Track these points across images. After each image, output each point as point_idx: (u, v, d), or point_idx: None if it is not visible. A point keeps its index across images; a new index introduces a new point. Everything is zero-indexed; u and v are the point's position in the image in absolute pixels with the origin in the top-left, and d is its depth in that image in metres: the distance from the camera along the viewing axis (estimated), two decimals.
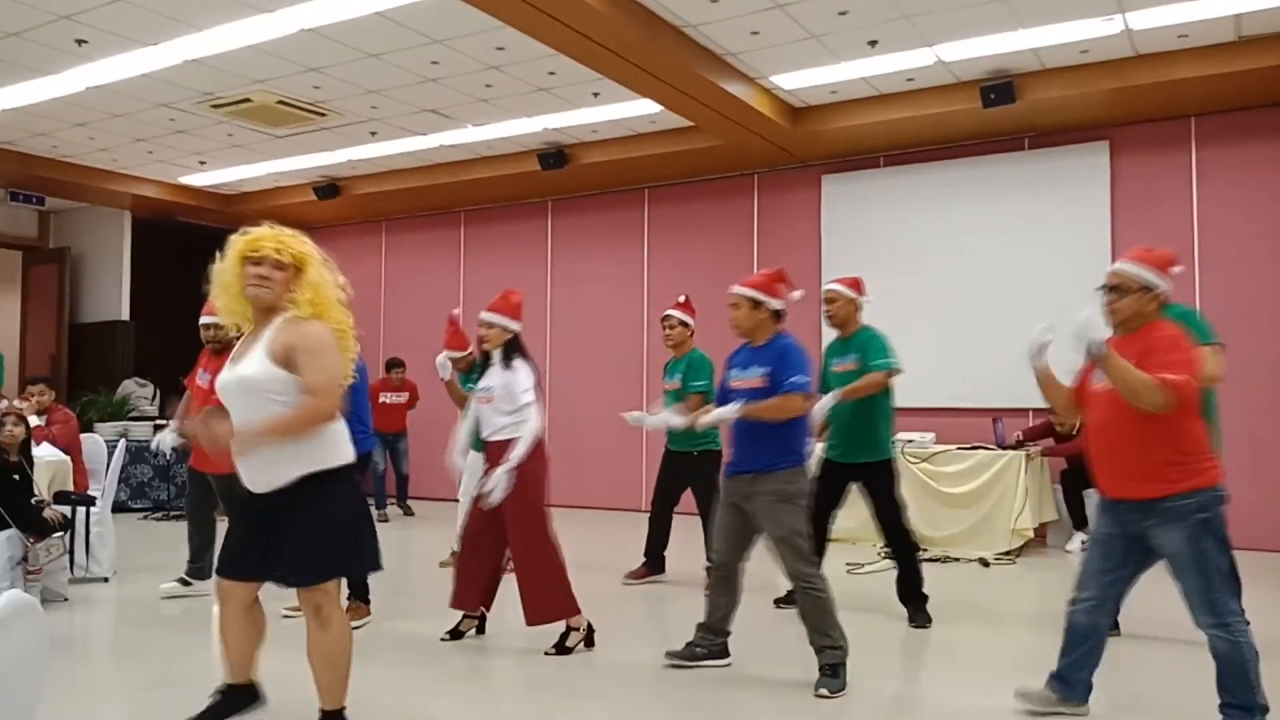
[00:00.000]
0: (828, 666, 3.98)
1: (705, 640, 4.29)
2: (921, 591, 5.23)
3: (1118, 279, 3.37)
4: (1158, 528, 3.23)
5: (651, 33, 6.47)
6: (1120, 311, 3.35)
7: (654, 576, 6.38)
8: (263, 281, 3.05)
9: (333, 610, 3.10)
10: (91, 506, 6.21)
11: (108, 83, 7.82)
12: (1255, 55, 6.95)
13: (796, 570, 3.98)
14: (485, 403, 4.63)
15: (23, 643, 1.93)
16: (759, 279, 4.23)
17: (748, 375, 4.14)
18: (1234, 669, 3.21)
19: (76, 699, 3.92)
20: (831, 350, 5.49)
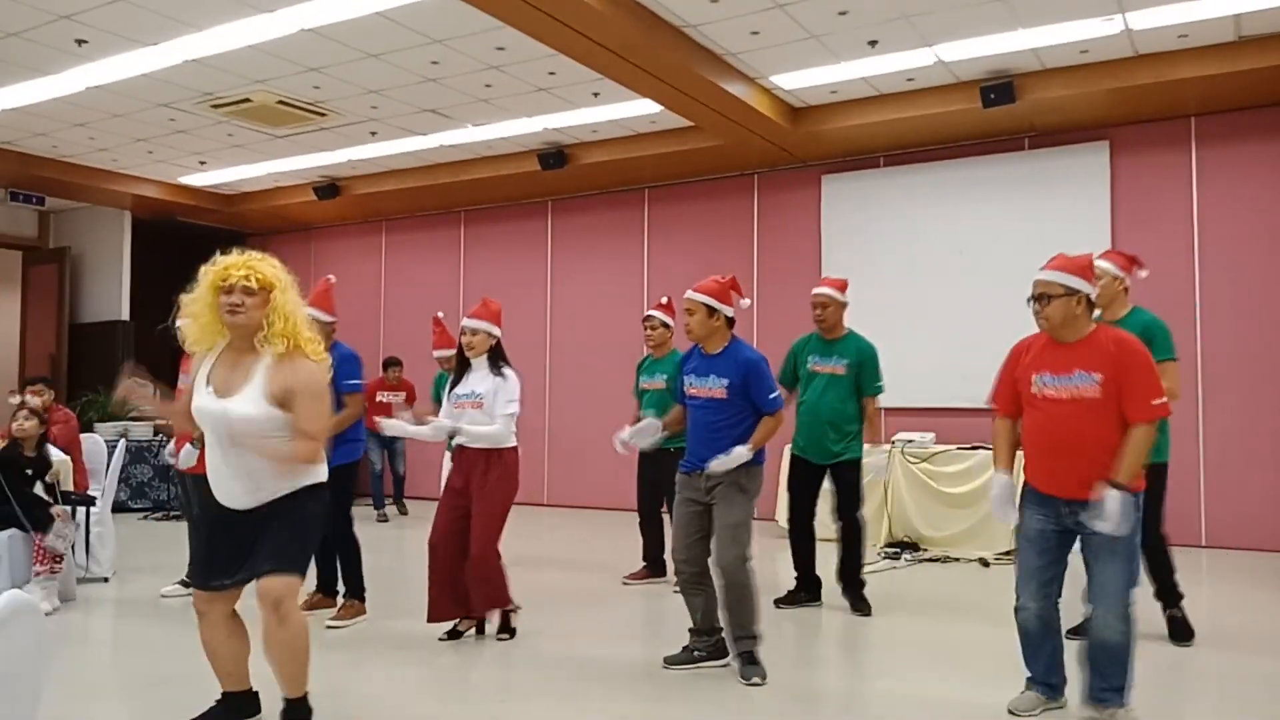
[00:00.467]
0: (746, 654, 4.10)
1: (700, 642, 4.31)
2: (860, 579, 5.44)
3: (1041, 287, 3.49)
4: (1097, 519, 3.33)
5: (651, 33, 6.47)
6: (1050, 318, 3.45)
7: (654, 579, 6.37)
8: (237, 309, 3.13)
9: (290, 605, 3.16)
10: (91, 506, 6.20)
11: (108, 83, 7.82)
12: (1255, 55, 6.95)
13: (732, 559, 4.06)
14: (474, 408, 4.68)
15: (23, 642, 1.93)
16: (713, 285, 4.25)
17: (707, 384, 4.21)
18: (1121, 657, 3.41)
19: (76, 699, 3.92)
20: (811, 346, 5.51)
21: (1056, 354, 3.47)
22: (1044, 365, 3.49)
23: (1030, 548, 3.56)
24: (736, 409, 4.16)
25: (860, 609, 5.35)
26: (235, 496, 3.20)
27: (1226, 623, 5.15)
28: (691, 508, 4.23)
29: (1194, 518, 7.86)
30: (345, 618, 5.12)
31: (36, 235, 12.42)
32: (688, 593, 4.30)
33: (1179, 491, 7.91)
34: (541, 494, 10.77)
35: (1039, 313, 3.48)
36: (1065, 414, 3.40)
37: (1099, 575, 3.43)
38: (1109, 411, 3.35)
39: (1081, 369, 3.38)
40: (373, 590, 5.30)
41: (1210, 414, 7.90)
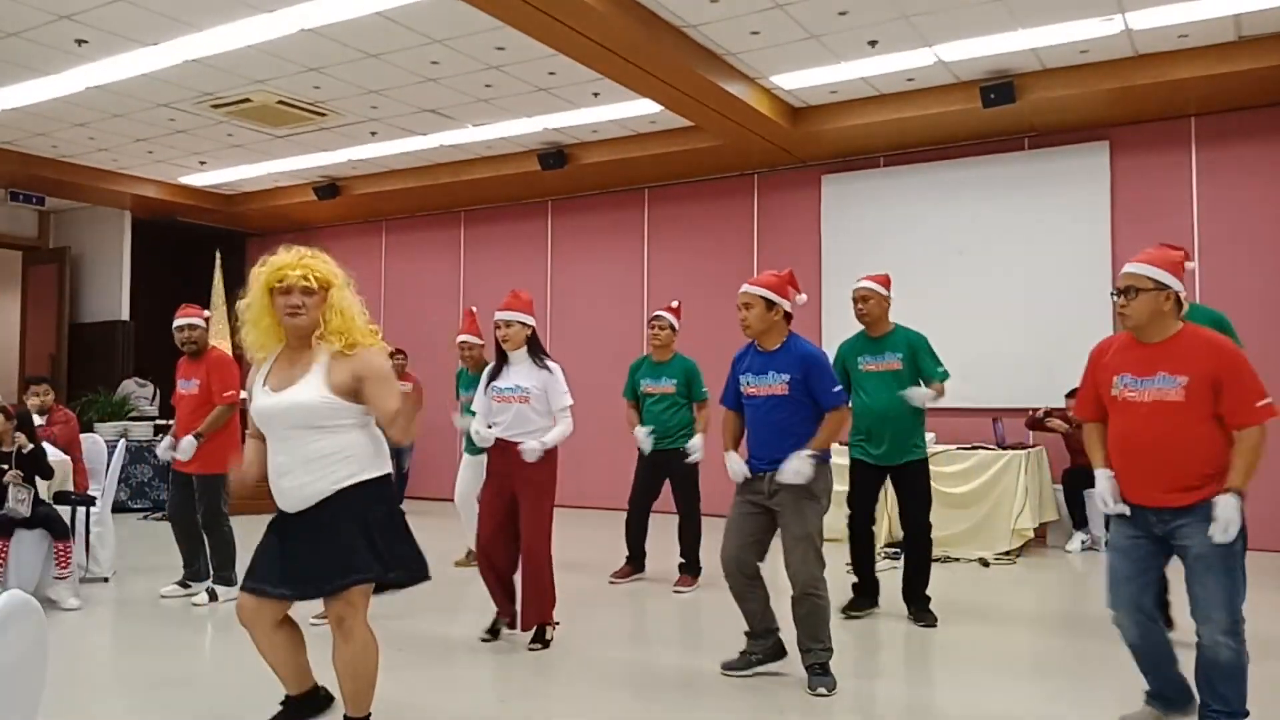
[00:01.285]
0: (818, 665, 3.99)
1: (756, 646, 4.20)
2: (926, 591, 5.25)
3: (1128, 280, 3.27)
4: (1189, 527, 3.19)
5: (651, 33, 6.47)
6: (1135, 314, 3.25)
7: (638, 574, 6.42)
8: (297, 311, 3.07)
9: (355, 623, 3.05)
10: (91, 506, 6.20)
11: (108, 83, 7.82)
12: (1255, 55, 6.95)
13: (809, 574, 3.93)
14: (520, 402, 4.59)
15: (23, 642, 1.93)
16: (772, 279, 4.12)
17: (767, 381, 4.06)
18: (1235, 676, 3.21)
19: (77, 698, 3.92)
20: (857, 348, 5.33)
21: (1138, 354, 3.27)
22: (1125, 366, 3.29)
23: (1120, 558, 3.36)
24: (799, 406, 4.01)
25: (924, 620, 5.13)
26: (294, 491, 3.07)
27: None
28: (750, 509, 4.07)
29: None
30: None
31: (36, 235, 12.42)
32: (741, 598, 4.15)
33: None
34: None
35: (1123, 307, 3.27)
36: (1146, 418, 3.22)
37: (1199, 590, 3.22)
38: (1194, 416, 3.17)
39: (1165, 371, 3.19)
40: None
41: None
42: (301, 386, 3.06)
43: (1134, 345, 3.30)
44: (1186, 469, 3.18)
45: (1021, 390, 8.32)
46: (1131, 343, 3.32)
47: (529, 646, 4.61)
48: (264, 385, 3.14)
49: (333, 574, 3.01)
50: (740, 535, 4.07)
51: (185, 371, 5.92)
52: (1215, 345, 3.22)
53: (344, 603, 3.03)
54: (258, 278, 3.14)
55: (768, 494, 4.00)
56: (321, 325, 3.09)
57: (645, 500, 6.34)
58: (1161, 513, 3.24)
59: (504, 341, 4.67)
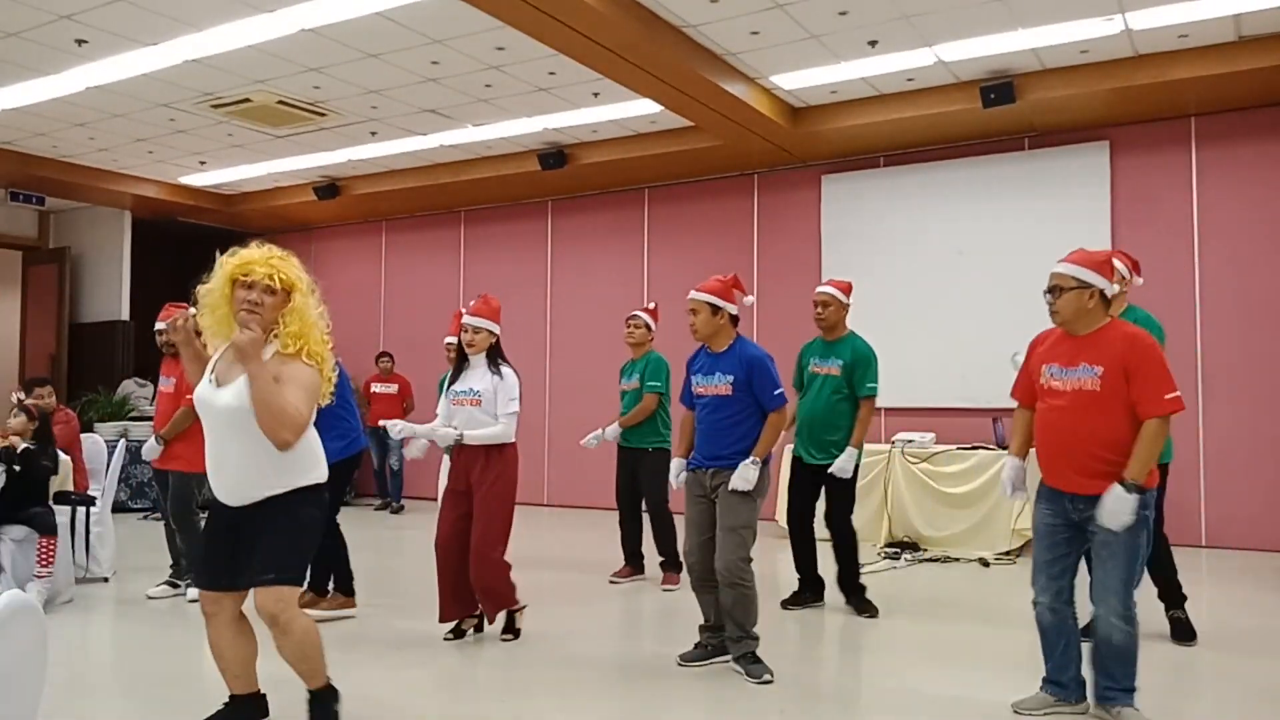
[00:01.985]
0: (749, 655, 4.12)
1: (712, 639, 4.33)
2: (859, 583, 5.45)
3: (1054, 279, 3.51)
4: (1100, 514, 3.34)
5: (651, 33, 6.47)
6: (1062, 310, 3.48)
7: (637, 575, 6.43)
8: (254, 308, 3.05)
9: (290, 616, 3.09)
10: (91, 506, 6.20)
11: (108, 83, 7.82)
12: (1255, 55, 6.95)
13: (734, 562, 4.07)
14: (472, 404, 4.70)
15: (23, 642, 1.93)
16: (716, 285, 4.28)
17: (713, 382, 4.25)
18: (1125, 657, 3.42)
19: (76, 698, 3.92)
20: (813, 349, 5.55)
21: (1067, 346, 3.50)
22: (1054, 357, 3.52)
23: (1040, 542, 3.57)
24: (742, 406, 4.19)
25: (866, 611, 5.34)
26: (229, 490, 3.14)
27: (1227, 623, 5.14)
28: (700, 505, 4.25)
29: (1194, 518, 7.86)
30: (330, 609, 5.21)
31: (36, 235, 12.42)
32: (699, 590, 4.30)
33: (1179, 491, 7.91)
34: (541, 494, 10.77)
35: (1051, 304, 3.50)
36: (1065, 406, 3.43)
37: (1099, 573, 3.43)
38: (1109, 405, 3.35)
39: (1086, 361, 3.40)
40: (375, 589, 5.32)
41: (1210, 414, 7.90)
42: (231, 389, 3.06)
43: (1064, 338, 3.53)
44: (1099, 456, 3.36)
45: None
46: (1062, 336, 3.55)
47: (501, 637, 4.73)
48: (211, 374, 3.16)
49: (267, 569, 3.06)
50: (699, 530, 4.25)
51: (166, 369, 5.99)
52: (1131, 337, 3.40)
53: (274, 599, 3.05)
54: (223, 266, 3.14)
55: (709, 488, 4.21)
56: (280, 326, 3.10)
57: (629, 500, 6.39)
58: (1076, 499, 3.42)
59: (469, 346, 4.79)
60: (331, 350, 3.28)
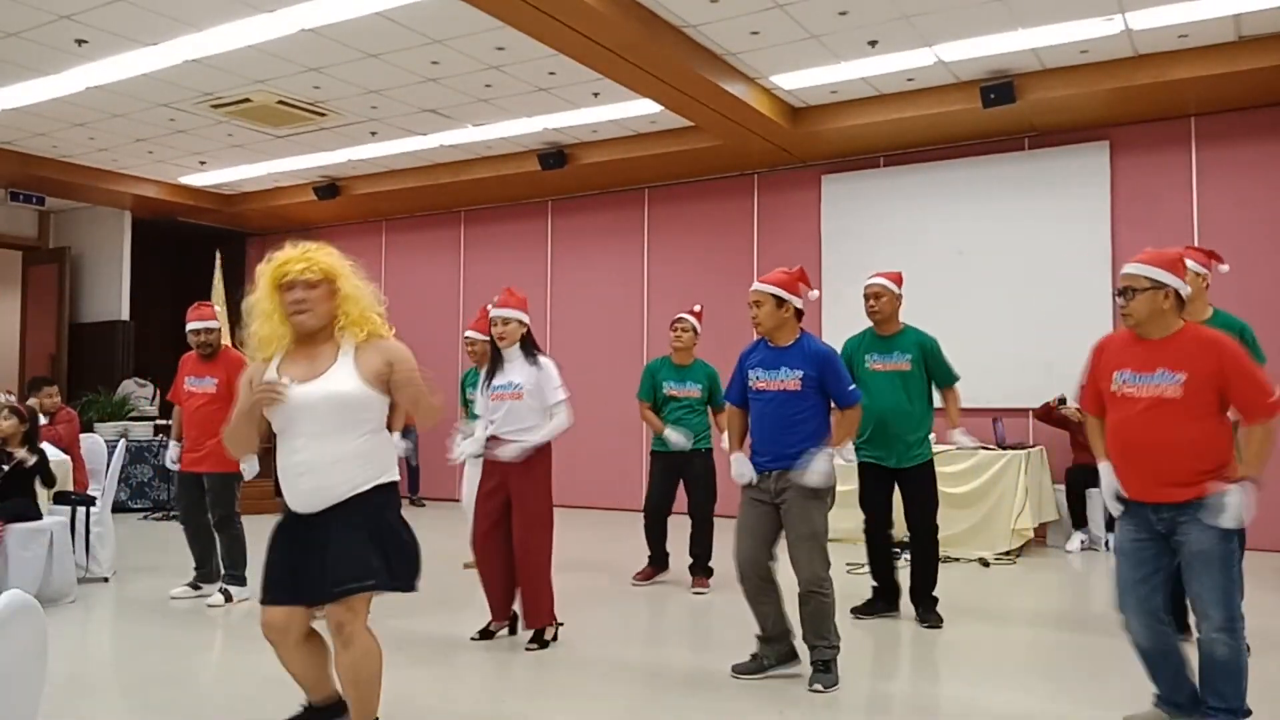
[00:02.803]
0: (821, 662, 3.99)
1: (769, 650, 4.16)
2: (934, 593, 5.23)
3: (1126, 280, 3.31)
4: (1187, 524, 3.21)
5: (651, 33, 6.46)
6: (1135, 312, 3.28)
7: (659, 575, 6.38)
8: (301, 305, 3.00)
9: (355, 629, 2.95)
10: (91, 506, 6.20)
11: (108, 83, 7.82)
12: (1255, 55, 6.95)
13: (815, 573, 3.93)
14: (514, 399, 4.60)
15: (23, 642, 1.93)
16: (782, 276, 4.11)
17: (779, 376, 4.05)
18: (1232, 674, 3.23)
19: (76, 698, 3.92)
20: (867, 345, 5.24)
21: (1140, 350, 3.30)
22: (1126, 362, 3.32)
23: (1125, 560, 3.36)
24: (810, 403, 4.02)
25: (929, 621, 5.10)
26: (313, 495, 2.99)
27: None
28: (759, 509, 4.05)
29: None
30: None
31: (36, 235, 12.42)
32: (756, 601, 4.09)
33: None
34: None
35: (1124, 307, 3.32)
36: (1144, 414, 3.25)
37: (1195, 588, 3.24)
38: (1191, 413, 3.19)
39: (1165, 367, 3.22)
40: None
41: None
42: (334, 376, 2.99)
43: (1135, 341, 3.33)
44: (1184, 465, 3.20)
45: (1021, 390, 8.32)
46: (1133, 339, 3.34)
47: (526, 646, 4.60)
48: (281, 377, 3.03)
49: (338, 579, 2.93)
50: (754, 536, 4.04)
51: (197, 369, 5.85)
52: (1216, 343, 3.24)
53: (344, 608, 2.94)
54: (263, 274, 3.09)
55: (774, 492, 4.00)
56: (341, 318, 3.06)
57: (664, 503, 6.28)
58: (1160, 509, 3.25)
59: (500, 339, 4.69)
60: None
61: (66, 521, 5.86)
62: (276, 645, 3.03)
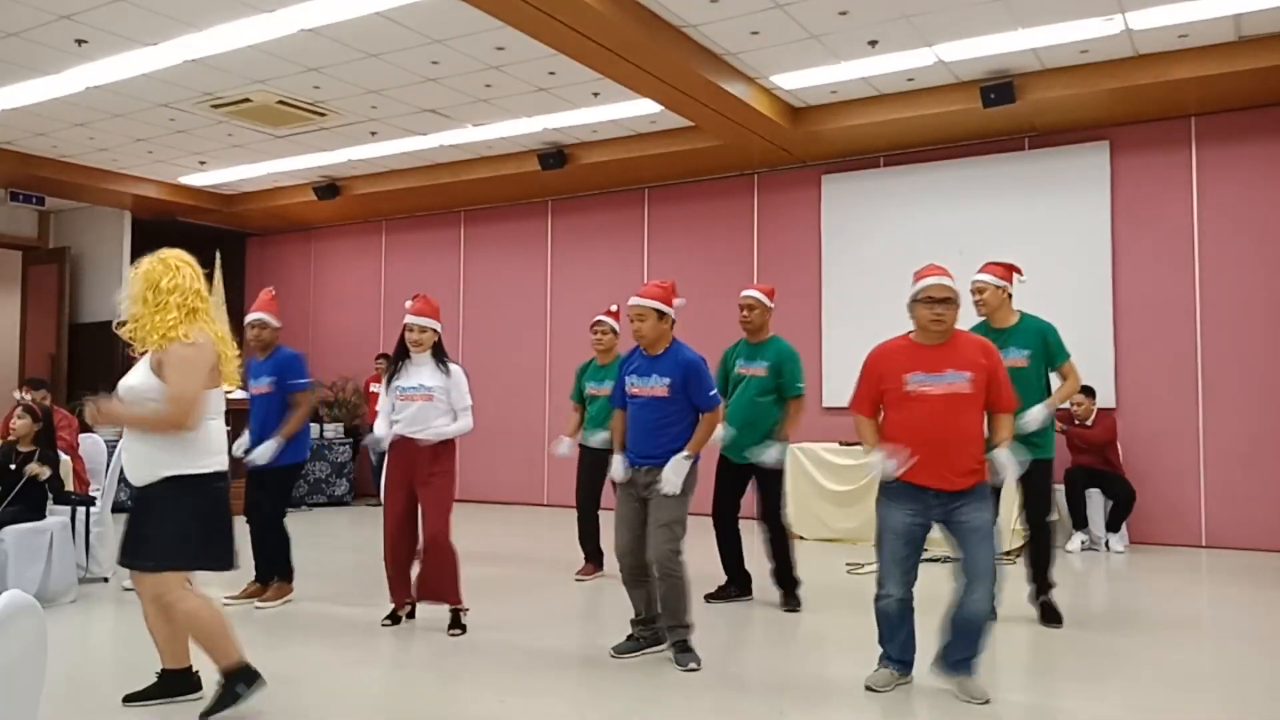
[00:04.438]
0: (681, 643, 4.29)
1: (644, 631, 4.50)
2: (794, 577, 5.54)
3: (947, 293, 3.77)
4: (966, 507, 3.71)
5: (651, 33, 6.47)
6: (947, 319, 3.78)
7: (599, 572, 6.56)
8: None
9: (172, 599, 3.36)
10: (91, 506, 6.20)
11: (108, 83, 7.83)
12: (1255, 55, 6.96)
13: (667, 554, 4.23)
14: (424, 400, 4.88)
15: (23, 642, 1.93)
16: (657, 290, 4.40)
17: (649, 383, 4.36)
18: (984, 629, 3.76)
19: (77, 698, 3.92)
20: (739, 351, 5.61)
21: (926, 354, 3.78)
22: (916, 365, 3.77)
23: (898, 540, 3.81)
24: (677, 407, 4.32)
25: (790, 607, 5.45)
26: (132, 471, 3.42)
27: (1227, 623, 5.15)
28: (632, 503, 4.39)
29: (1194, 518, 7.87)
30: (273, 599, 5.47)
31: (36, 235, 12.43)
32: (630, 585, 4.47)
33: (1179, 491, 7.93)
34: (541, 494, 10.78)
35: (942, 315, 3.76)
36: (940, 408, 3.71)
37: (975, 555, 3.72)
38: (976, 405, 3.76)
39: (952, 368, 3.73)
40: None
41: (1210, 414, 7.90)
42: (131, 373, 3.48)
43: (918, 347, 3.81)
44: (969, 453, 3.72)
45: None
46: (912, 345, 3.83)
47: (449, 632, 4.84)
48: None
49: (150, 553, 3.35)
50: (630, 528, 4.39)
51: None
52: (986, 347, 3.87)
53: (157, 580, 3.36)
54: None
55: (643, 486, 4.34)
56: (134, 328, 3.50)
57: (594, 497, 6.54)
58: (942, 495, 3.72)
59: (414, 345, 4.97)
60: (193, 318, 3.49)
61: (67, 521, 5.86)
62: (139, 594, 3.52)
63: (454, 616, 4.92)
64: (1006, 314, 5.07)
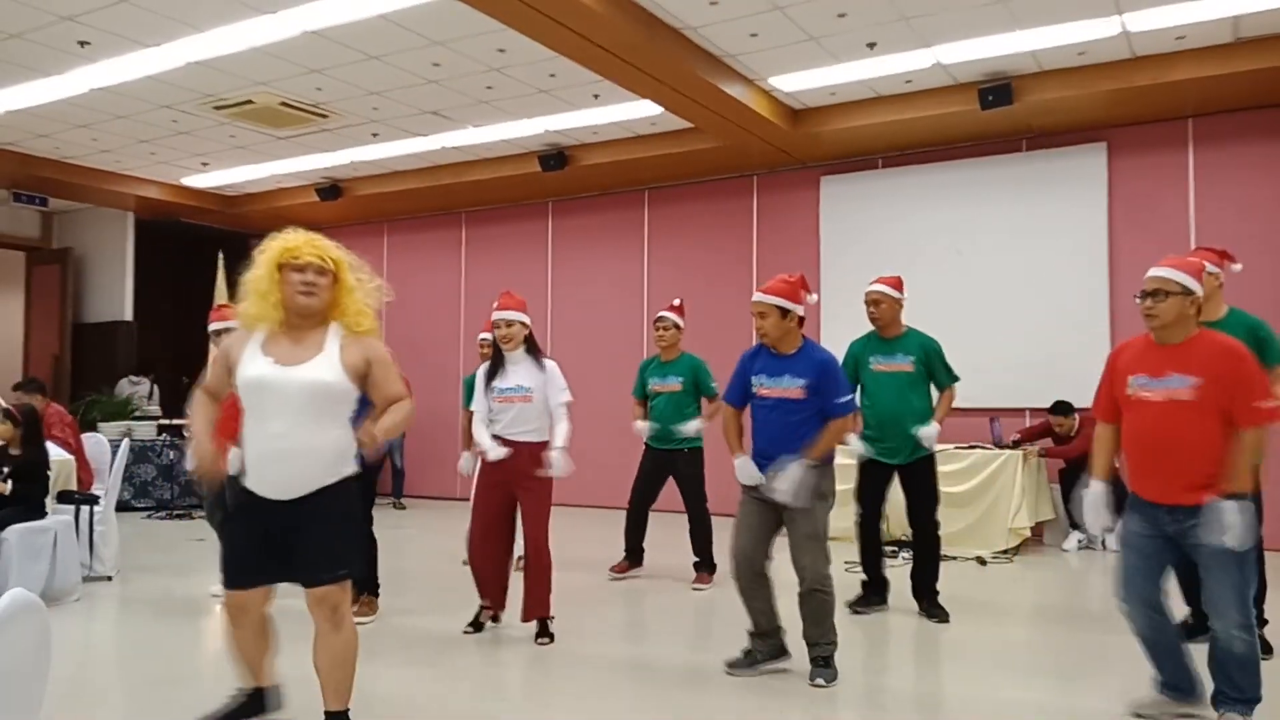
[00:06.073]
0: (821, 658, 4.07)
1: (762, 645, 4.24)
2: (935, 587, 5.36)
3: (1157, 283, 3.37)
4: (1201, 527, 3.27)
5: (651, 35, 6.49)
6: (1163, 315, 3.35)
7: (635, 569, 6.50)
8: (311, 289, 3.05)
9: (348, 611, 3.12)
10: (95, 506, 6.23)
11: (110, 84, 7.86)
12: (1253, 56, 6.97)
13: (818, 570, 4.01)
14: (523, 401, 4.67)
15: (26, 641, 1.95)
16: (783, 286, 4.16)
17: (782, 384, 4.11)
18: (1249, 667, 3.35)
19: (80, 698, 3.95)
20: (871, 347, 5.38)
21: (1154, 356, 3.40)
22: (1141, 367, 3.43)
23: (1130, 551, 3.50)
24: (812, 409, 4.07)
25: (936, 615, 5.23)
26: (288, 480, 3.04)
27: None
28: (760, 507, 4.10)
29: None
30: (365, 614, 5.10)
31: (39, 236, 12.47)
32: (749, 596, 4.18)
33: None
34: None
35: (1150, 309, 3.37)
36: (1159, 417, 3.34)
37: (1210, 586, 3.35)
38: (1205, 416, 3.27)
39: (1178, 372, 3.32)
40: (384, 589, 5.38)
41: None
42: (318, 364, 3.04)
43: (1151, 347, 3.43)
44: (1196, 468, 3.29)
45: (1019, 390, 8.35)
46: (1148, 344, 3.44)
47: (537, 641, 4.67)
48: (264, 356, 3.06)
49: (332, 562, 3.06)
50: (750, 533, 4.11)
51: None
52: (1226, 347, 3.33)
53: (340, 589, 3.07)
54: (265, 252, 3.10)
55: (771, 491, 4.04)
56: (338, 306, 3.12)
57: (646, 497, 6.42)
58: (1174, 511, 3.34)
59: (504, 341, 4.72)
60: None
61: (70, 521, 5.89)
62: (235, 622, 3.18)
63: (541, 625, 4.72)
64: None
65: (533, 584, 4.71)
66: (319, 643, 3.11)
